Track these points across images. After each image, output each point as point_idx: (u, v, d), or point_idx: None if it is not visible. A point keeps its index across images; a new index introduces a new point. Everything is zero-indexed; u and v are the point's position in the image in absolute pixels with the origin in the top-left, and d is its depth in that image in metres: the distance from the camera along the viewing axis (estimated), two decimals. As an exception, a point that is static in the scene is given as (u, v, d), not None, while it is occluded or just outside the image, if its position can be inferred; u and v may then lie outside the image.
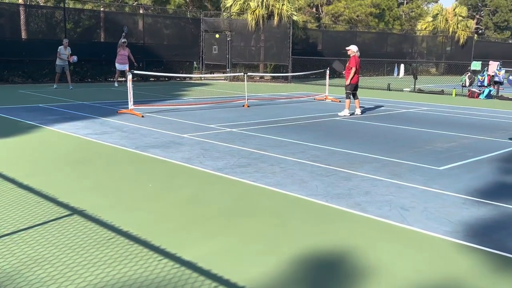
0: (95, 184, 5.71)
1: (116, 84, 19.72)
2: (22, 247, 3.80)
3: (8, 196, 5.06)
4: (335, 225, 4.50)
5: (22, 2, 23.22)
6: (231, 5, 25.54)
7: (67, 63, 17.64)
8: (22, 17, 20.56)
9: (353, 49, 12.35)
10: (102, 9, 24.46)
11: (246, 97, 14.16)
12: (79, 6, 25.56)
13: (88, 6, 25.51)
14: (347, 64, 12.49)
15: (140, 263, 3.56)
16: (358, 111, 12.66)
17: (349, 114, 12.33)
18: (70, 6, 24.59)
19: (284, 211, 4.87)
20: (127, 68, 18.12)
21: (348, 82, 12.45)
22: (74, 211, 4.66)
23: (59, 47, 17.54)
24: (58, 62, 17.58)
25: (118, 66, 19.15)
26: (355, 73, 12.27)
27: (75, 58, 17.69)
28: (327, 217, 4.71)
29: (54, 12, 22.21)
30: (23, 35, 20.71)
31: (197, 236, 4.16)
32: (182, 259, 3.64)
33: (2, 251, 3.71)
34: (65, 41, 17.75)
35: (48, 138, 8.52)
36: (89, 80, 21.74)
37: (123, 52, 18.93)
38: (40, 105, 13.00)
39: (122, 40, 19.04)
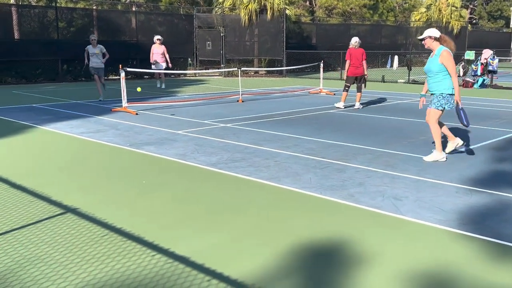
0: (89, 182, 5.70)
1: (158, 85, 18.27)
2: (16, 246, 3.80)
3: (2, 197, 5.05)
4: (328, 216, 4.51)
5: (14, 2, 23.10)
6: (223, 1, 25.47)
7: (102, 65, 14.27)
8: (14, 17, 20.47)
9: (351, 42, 12.28)
10: (94, 7, 24.36)
11: (240, 92, 14.15)
12: (71, 5, 25.45)
13: (81, 5, 25.40)
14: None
15: (134, 259, 3.56)
16: (357, 104, 12.56)
17: (343, 107, 12.33)
18: (62, 5, 24.48)
19: (278, 204, 4.88)
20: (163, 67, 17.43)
21: (345, 74, 12.44)
22: (67, 209, 4.66)
23: (87, 46, 14.22)
24: (90, 64, 14.18)
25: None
26: (349, 65, 12.23)
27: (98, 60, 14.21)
28: (321, 209, 4.72)
29: (46, 12, 22.10)
30: (16, 35, 20.62)
31: (191, 231, 4.16)
32: (175, 254, 3.64)
33: (-4, 251, 3.71)
34: (92, 37, 14.22)
35: (42, 137, 8.50)
36: (83, 79, 21.67)
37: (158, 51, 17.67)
38: (34, 105, 12.96)
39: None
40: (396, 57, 33.70)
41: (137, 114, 11.08)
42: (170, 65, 17.70)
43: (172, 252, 3.67)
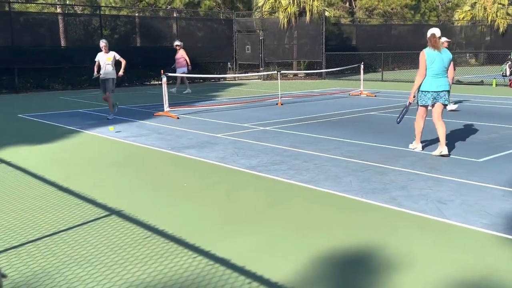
0: (132, 185, 5.83)
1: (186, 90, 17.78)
2: (63, 247, 3.93)
3: (49, 199, 5.23)
4: (369, 220, 4.45)
5: (61, 11, 23.94)
6: (262, 4, 25.56)
7: (112, 76, 11.21)
8: (61, 25, 21.21)
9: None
10: (137, 14, 24.95)
11: (280, 95, 14.15)
12: (114, 12, 26.16)
13: (124, 12, 26.07)
14: None
15: (175, 260, 3.61)
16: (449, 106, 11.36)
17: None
18: (106, 13, 25.19)
19: (318, 207, 4.85)
20: (182, 71, 17.31)
21: None
22: (112, 211, 4.78)
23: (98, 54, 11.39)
24: (102, 75, 11.19)
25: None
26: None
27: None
28: (361, 213, 4.66)
29: (91, 20, 22.81)
30: (62, 43, 21.36)
31: (231, 233, 4.19)
32: (216, 256, 3.67)
33: (44, 251, 3.84)
34: (102, 42, 11.24)
35: (87, 142, 8.76)
36: (126, 84, 22.20)
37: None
38: (79, 110, 13.37)
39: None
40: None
41: (178, 118, 11.26)
42: (190, 67, 17.72)
43: (213, 254, 3.70)
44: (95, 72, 11.34)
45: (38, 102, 15.99)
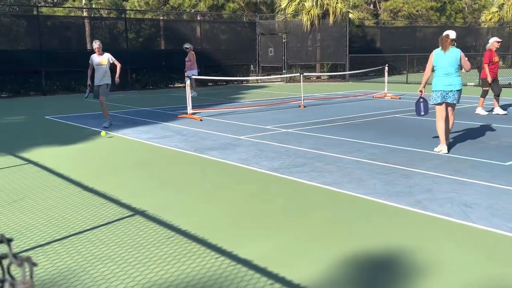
0: (156, 185, 5.89)
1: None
2: (88, 246, 3.99)
3: (75, 199, 5.33)
4: (394, 223, 4.40)
5: (87, 15, 24.35)
6: (285, 7, 25.56)
7: (107, 81, 10.31)
8: (87, 29, 21.58)
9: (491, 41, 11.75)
10: (161, 17, 25.22)
11: (302, 98, 14.12)
12: (139, 16, 26.49)
13: (148, 16, 26.39)
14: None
15: (198, 260, 3.64)
16: (497, 110, 11.52)
17: (487, 113, 11.47)
18: (131, 17, 25.53)
19: (340, 210, 4.82)
20: (192, 74, 17.61)
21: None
22: (136, 211, 4.84)
23: (92, 56, 10.69)
24: (94, 81, 10.37)
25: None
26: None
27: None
28: (385, 216, 4.61)
29: (116, 23, 23.13)
30: (88, 46, 21.69)
31: (253, 234, 4.20)
32: (238, 257, 3.68)
33: (70, 250, 3.91)
34: (95, 44, 10.48)
35: (112, 143, 8.88)
36: (151, 87, 22.45)
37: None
38: (104, 112, 13.55)
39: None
40: (465, 60, 32.32)
41: (201, 120, 11.33)
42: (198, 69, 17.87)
43: (235, 255, 3.71)
44: (89, 78, 10.40)
45: (65, 104, 16.29)
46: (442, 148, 7.31)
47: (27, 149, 8.24)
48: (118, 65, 10.41)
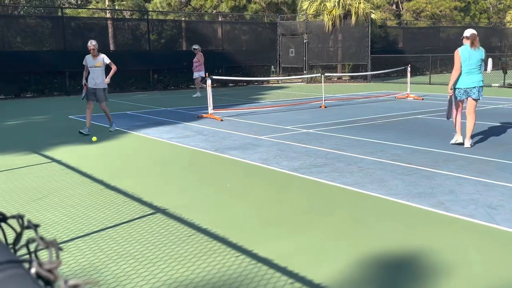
0: (177, 184, 5.93)
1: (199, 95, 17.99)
2: (110, 243, 4.04)
3: (98, 197, 5.39)
4: (416, 224, 4.34)
5: (110, 16, 24.67)
6: (307, 7, 25.49)
7: (103, 85, 9.96)
8: (110, 30, 21.86)
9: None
10: (183, 18, 25.40)
11: (323, 98, 14.05)
12: (161, 17, 26.73)
13: (170, 17, 26.60)
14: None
15: (218, 259, 3.64)
16: None
17: None
18: (153, 18, 25.76)
19: (361, 210, 4.78)
20: (198, 75, 18.11)
21: None
22: (157, 209, 4.88)
23: (86, 56, 10.14)
24: (89, 83, 9.92)
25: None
26: None
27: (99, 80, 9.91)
28: (407, 217, 4.56)
29: (139, 24, 23.39)
30: (111, 47, 21.99)
31: (274, 233, 4.19)
32: (258, 256, 3.68)
33: (92, 247, 3.96)
34: (91, 44, 9.90)
35: (134, 142, 8.97)
36: (172, 87, 22.63)
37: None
38: (127, 112, 13.72)
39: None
40: (490, 60, 31.84)
41: (222, 120, 11.37)
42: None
43: (256, 254, 3.71)
44: (84, 78, 9.85)
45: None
46: (457, 138, 7.66)
47: (52, 148, 8.38)
48: (114, 68, 9.98)
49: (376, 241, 3.94)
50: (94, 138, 9.07)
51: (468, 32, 7.55)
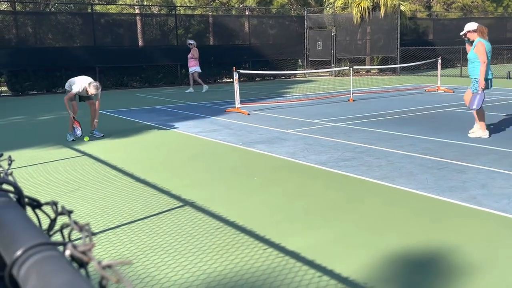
0: (205, 177, 5.98)
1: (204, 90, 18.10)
2: (140, 235, 4.10)
3: (128, 190, 5.48)
4: (446, 219, 4.27)
5: (139, 12, 24.94)
6: (335, 0, 25.23)
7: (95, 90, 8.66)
8: (138, 26, 22.10)
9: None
10: (210, 13, 25.48)
11: (351, 91, 13.91)
12: (189, 12, 26.88)
13: (198, 12, 26.72)
14: None
15: (246, 251, 3.66)
16: None
17: None
18: (181, 13, 25.92)
19: (391, 204, 4.73)
20: (193, 70, 18.29)
21: None
22: (186, 202, 4.93)
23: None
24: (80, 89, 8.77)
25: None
26: None
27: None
28: (438, 211, 4.48)
29: (167, 20, 23.56)
30: (140, 42, 22.24)
31: (301, 227, 4.18)
32: (286, 249, 3.68)
33: (122, 239, 4.03)
34: (96, 88, 8.64)
35: (163, 136, 9.07)
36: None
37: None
38: (155, 107, 13.88)
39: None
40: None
41: (249, 114, 11.38)
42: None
43: (283, 247, 3.71)
44: (71, 112, 8.73)
45: (117, 99, 16.77)
46: (484, 131, 7.75)
47: (82, 142, 8.55)
48: (97, 111, 9.00)
49: (406, 236, 3.90)
50: (86, 138, 8.72)
51: (474, 25, 7.78)
